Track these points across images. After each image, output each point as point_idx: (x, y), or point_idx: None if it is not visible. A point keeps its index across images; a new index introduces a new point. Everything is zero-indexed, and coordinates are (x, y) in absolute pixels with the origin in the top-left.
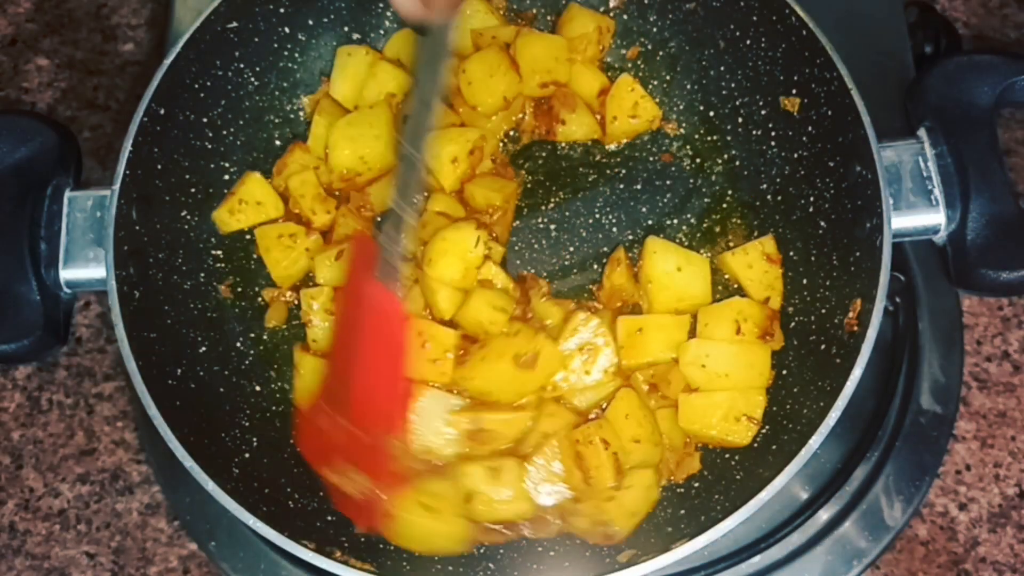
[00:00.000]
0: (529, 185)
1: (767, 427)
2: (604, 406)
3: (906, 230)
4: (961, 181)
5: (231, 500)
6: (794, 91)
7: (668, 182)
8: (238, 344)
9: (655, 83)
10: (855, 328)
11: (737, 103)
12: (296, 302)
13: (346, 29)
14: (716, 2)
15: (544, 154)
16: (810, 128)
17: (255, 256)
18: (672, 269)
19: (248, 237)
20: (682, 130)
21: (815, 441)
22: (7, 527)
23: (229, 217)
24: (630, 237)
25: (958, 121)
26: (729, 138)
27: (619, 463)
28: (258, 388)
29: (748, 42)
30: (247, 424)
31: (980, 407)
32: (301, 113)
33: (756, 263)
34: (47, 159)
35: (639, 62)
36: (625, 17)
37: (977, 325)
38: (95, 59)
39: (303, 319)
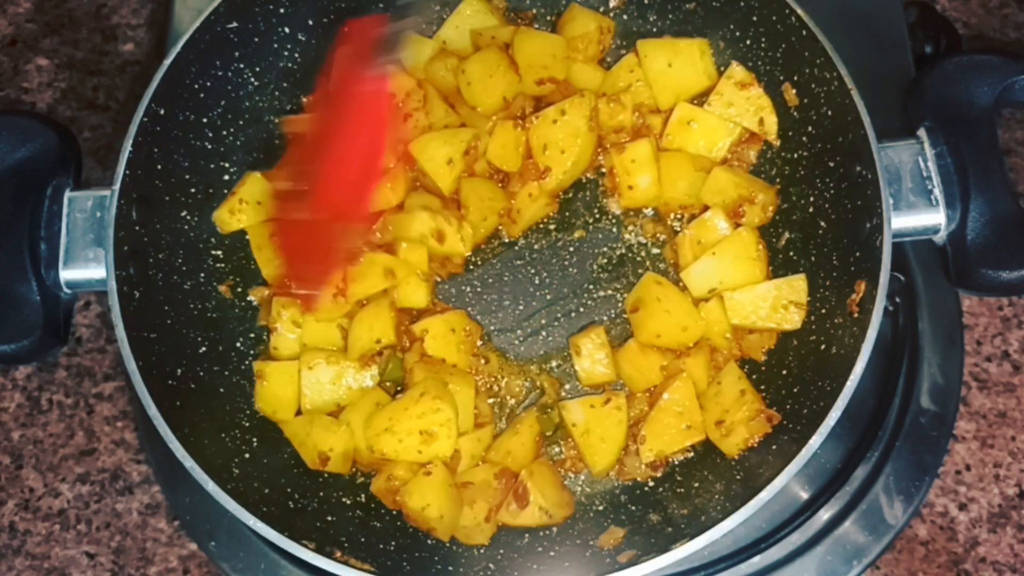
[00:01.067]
0: None
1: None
2: None
3: (906, 230)
4: (961, 181)
5: (231, 500)
6: (794, 91)
7: None
8: (238, 344)
9: None
10: (857, 312)
11: None
12: None
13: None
14: (716, 2)
15: None
16: (810, 128)
17: (255, 256)
18: (664, 66)
19: (248, 237)
20: None
21: (815, 441)
22: (7, 527)
23: (230, 217)
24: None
25: (958, 121)
26: None
27: None
28: None
29: (748, 42)
30: (247, 424)
31: (980, 407)
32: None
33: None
34: (47, 159)
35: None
36: (625, 17)
37: (977, 325)
38: (95, 59)
39: (269, 324)
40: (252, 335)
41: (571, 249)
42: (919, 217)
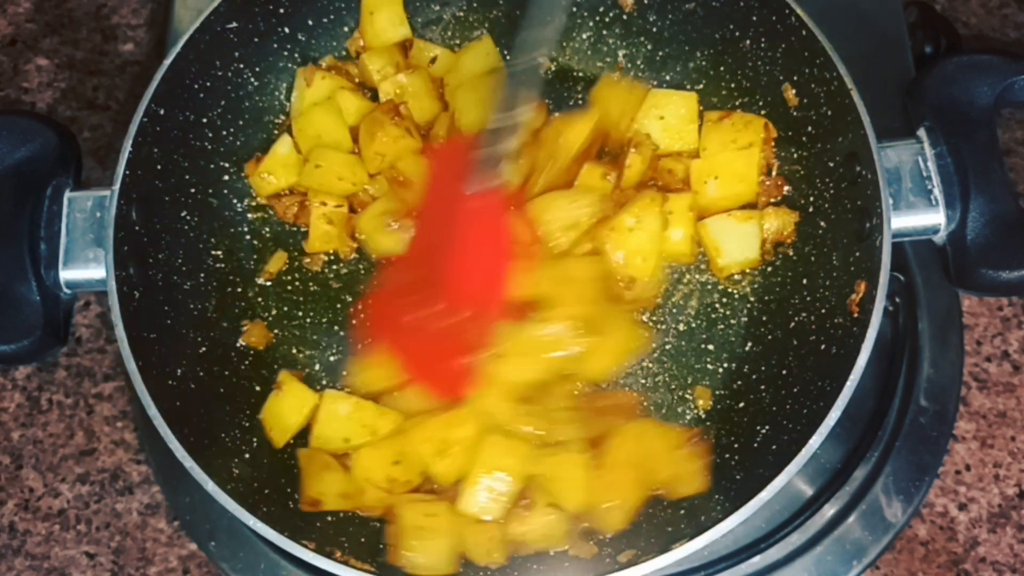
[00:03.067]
0: None
1: (767, 427)
2: None
3: (906, 230)
4: (961, 181)
5: (231, 500)
6: (794, 91)
7: None
8: (238, 344)
9: (654, 83)
10: (857, 312)
11: (736, 103)
12: (274, 338)
13: (346, 29)
14: (716, 2)
15: None
16: (810, 128)
17: (255, 256)
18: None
19: (248, 237)
20: None
21: (815, 441)
22: (7, 527)
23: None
24: None
25: (958, 121)
26: None
27: None
28: (258, 388)
29: (748, 42)
30: (247, 424)
31: (980, 407)
32: None
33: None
34: (47, 159)
35: (639, 62)
36: (624, 17)
37: (977, 325)
38: (95, 59)
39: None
40: None
41: None
42: (919, 217)
